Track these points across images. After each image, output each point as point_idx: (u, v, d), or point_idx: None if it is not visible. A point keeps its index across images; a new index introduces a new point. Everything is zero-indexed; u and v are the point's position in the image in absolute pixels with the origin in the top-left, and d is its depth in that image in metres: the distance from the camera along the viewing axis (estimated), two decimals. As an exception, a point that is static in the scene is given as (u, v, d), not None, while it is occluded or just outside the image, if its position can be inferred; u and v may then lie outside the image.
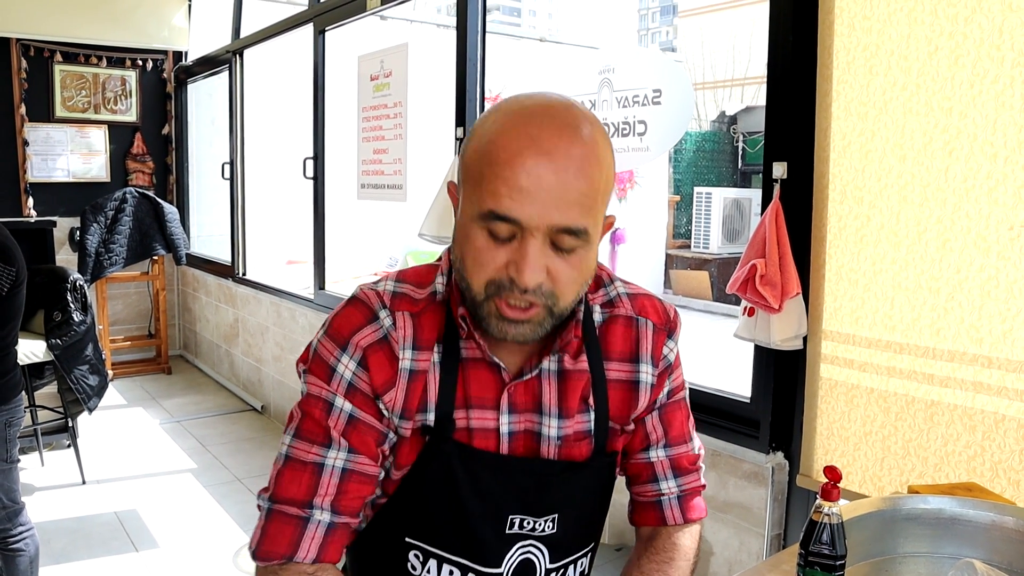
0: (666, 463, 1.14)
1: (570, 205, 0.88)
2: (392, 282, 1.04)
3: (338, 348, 0.99)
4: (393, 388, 0.99)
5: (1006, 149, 1.60)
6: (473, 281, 0.93)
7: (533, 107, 0.91)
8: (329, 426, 0.98)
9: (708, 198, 11.18)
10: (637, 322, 1.09)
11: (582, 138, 0.89)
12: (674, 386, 1.14)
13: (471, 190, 0.92)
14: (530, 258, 0.88)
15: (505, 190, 0.87)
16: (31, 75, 5.42)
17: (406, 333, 0.99)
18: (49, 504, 3.45)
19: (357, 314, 1.00)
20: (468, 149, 0.94)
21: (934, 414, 1.75)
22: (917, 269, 1.76)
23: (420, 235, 3.09)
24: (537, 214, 0.87)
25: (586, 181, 0.89)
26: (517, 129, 0.88)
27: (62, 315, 3.60)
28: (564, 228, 0.88)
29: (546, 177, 0.87)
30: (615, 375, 1.08)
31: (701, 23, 22.65)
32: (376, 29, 7.14)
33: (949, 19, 1.67)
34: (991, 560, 1.19)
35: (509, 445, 1.03)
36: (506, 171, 0.87)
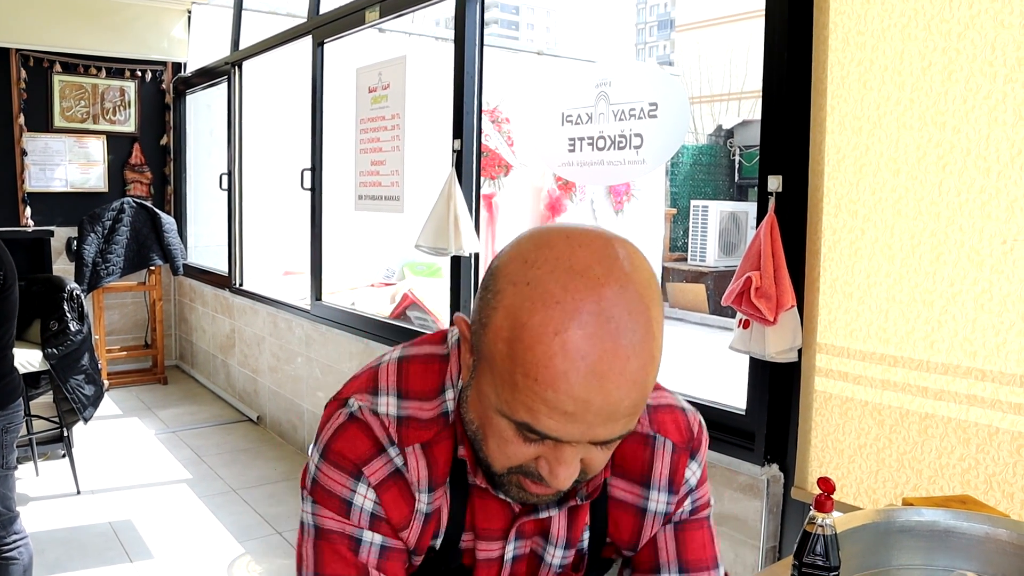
0: None
1: (618, 419, 0.75)
2: (394, 400, 0.90)
3: (349, 478, 0.87)
4: (407, 528, 0.90)
5: (999, 164, 1.61)
6: (495, 463, 0.83)
7: (581, 300, 0.72)
8: (363, 563, 0.87)
9: (705, 211, 11.21)
10: (655, 441, 0.96)
11: (640, 343, 0.73)
12: (698, 504, 1.00)
13: (498, 384, 0.77)
14: (566, 465, 0.78)
15: (545, 411, 0.73)
16: (30, 85, 5.44)
17: (420, 475, 0.88)
18: (43, 514, 3.43)
19: (362, 440, 0.88)
20: (493, 324, 0.76)
21: (928, 427, 1.76)
22: (911, 282, 1.77)
23: (417, 246, 3.10)
24: (580, 433, 0.75)
25: (640, 394, 0.74)
26: (561, 339, 0.71)
27: (59, 324, 3.60)
28: (609, 441, 0.77)
29: (595, 401, 0.72)
30: (620, 495, 0.97)
31: (698, 37, 22.77)
32: (375, 42, 7.17)
33: (942, 35, 1.68)
34: (985, 572, 1.20)
35: (511, 568, 0.96)
36: (547, 392, 0.72)
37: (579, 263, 0.73)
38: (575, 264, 0.73)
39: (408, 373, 0.91)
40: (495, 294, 0.77)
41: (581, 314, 0.71)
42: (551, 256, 0.74)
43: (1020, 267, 1.59)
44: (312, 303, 4.34)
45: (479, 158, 3.20)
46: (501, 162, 8.53)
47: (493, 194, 8.41)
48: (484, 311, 0.78)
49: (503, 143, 8.51)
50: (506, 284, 0.76)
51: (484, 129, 5.82)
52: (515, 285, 0.75)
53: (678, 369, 7.39)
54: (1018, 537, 1.21)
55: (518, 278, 0.75)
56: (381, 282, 7.32)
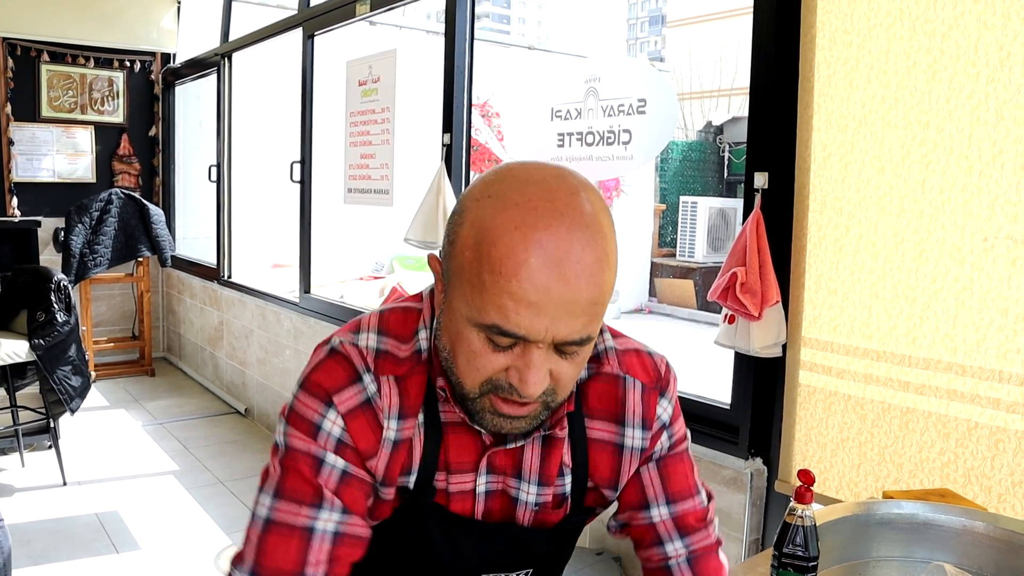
0: (670, 523, 1.05)
1: (578, 316, 0.81)
2: (374, 335, 0.95)
3: (321, 404, 0.92)
4: (375, 456, 0.93)
5: (980, 162, 1.63)
6: (466, 381, 0.87)
7: (535, 197, 0.80)
8: (320, 484, 0.90)
9: (694, 207, 11.25)
10: (624, 381, 1.02)
11: (593, 236, 0.81)
12: (675, 439, 1.06)
13: (467, 291, 0.83)
14: (534, 368, 0.83)
15: (511, 305, 0.79)
16: (17, 74, 5.39)
17: (391, 402, 0.93)
18: (30, 505, 3.43)
19: (338, 370, 0.93)
20: (459, 237, 0.84)
21: (909, 421, 1.78)
22: (894, 279, 1.79)
23: (406, 240, 3.11)
24: (544, 328, 0.80)
25: (597, 288, 0.81)
26: (522, 231, 0.79)
27: (45, 315, 3.58)
28: (571, 341, 0.83)
29: (555, 289, 0.79)
30: (598, 435, 1.02)
31: (689, 34, 22.81)
32: (365, 35, 7.16)
33: (927, 35, 1.70)
34: (962, 564, 1.22)
35: (485, 505, 0.99)
36: (512, 283, 0.78)
37: (535, 176, 0.83)
38: (531, 177, 0.83)
39: (388, 318, 0.98)
40: (460, 214, 0.86)
41: (538, 211, 0.80)
42: (509, 175, 0.85)
43: (1000, 264, 1.62)
44: (301, 296, 4.34)
45: (468, 152, 3.20)
46: (491, 156, 8.54)
47: (483, 188, 8.41)
48: (451, 232, 0.86)
49: (493, 137, 8.52)
50: (470, 203, 0.85)
51: (474, 123, 5.83)
52: (478, 201, 0.84)
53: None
54: (994, 529, 1.23)
55: (480, 194, 0.84)
56: (370, 275, 7.32)
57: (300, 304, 4.31)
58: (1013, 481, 1.62)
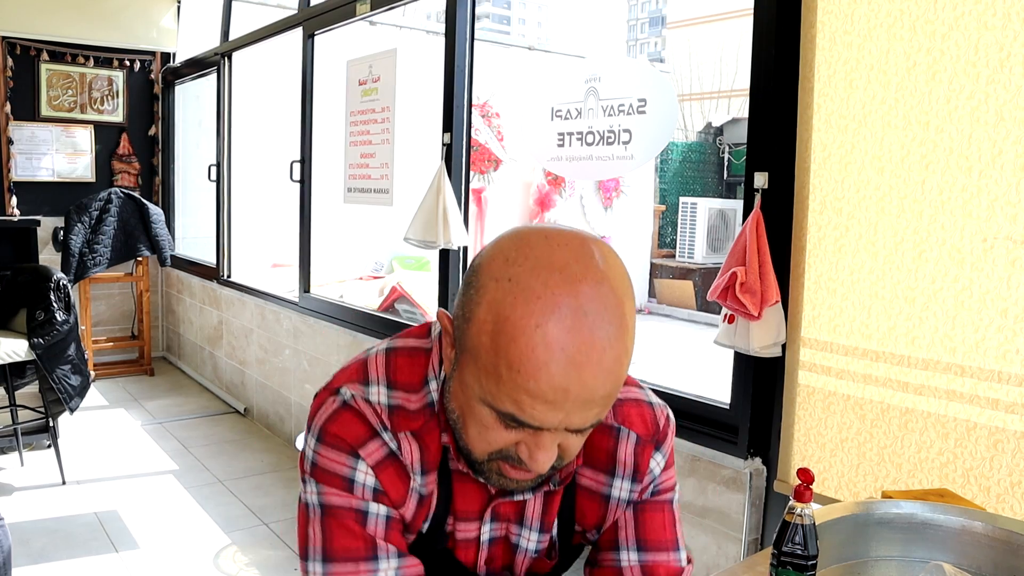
0: (637, 570, 1.01)
1: (593, 407, 0.80)
2: (384, 389, 0.93)
3: (348, 456, 0.90)
4: (404, 507, 0.94)
5: (980, 163, 1.63)
6: (475, 450, 0.87)
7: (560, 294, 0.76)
8: (371, 535, 0.90)
9: (693, 208, 11.25)
10: (618, 432, 1.01)
11: (616, 336, 0.78)
12: (659, 488, 1.04)
13: (482, 376, 0.81)
14: (544, 450, 0.83)
15: (528, 400, 0.78)
16: (17, 73, 5.40)
17: (414, 458, 0.93)
18: (29, 504, 3.43)
19: (356, 424, 0.91)
20: (476, 319, 0.80)
21: (908, 421, 1.78)
22: (893, 279, 1.80)
23: (406, 239, 3.11)
24: (559, 421, 0.80)
25: (614, 384, 0.80)
26: (542, 331, 0.76)
27: (45, 314, 3.59)
28: (582, 428, 0.83)
29: (574, 390, 0.77)
30: (586, 483, 1.02)
31: (689, 35, 22.82)
32: (365, 34, 7.16)
33: (927, 35, 1.71)
34: (960, 564, 1.22)
35: (488, 551, 1.01)
36: (530, 383, 0.77)
37: (558, 261, 0.78)
38: (554, 262, 0.78)
39: (396, 365, 0.96)
40: (478, 290, 0.81)
41: (560, 308, 0.76)
42: (531, 255, 0.79)
43: (999, 265, 1.62)
44: (300, 295, 4.34)
45: (468, 152, 3.21)
46: (491, 157, 8.54)
47: (483, 188, 8.42)
48: (467, 306, 0.82)
49: (493, 138, 8.52)
50: (488, 280, 0.80)
51: (474, 124, 5.83)
52: (497, 281, 0.79)
53: (665, 364, 7.44)
54: (993, 529, 1.24)
55: (500, 275, 0.79)
56: (370, 275, 7.32)
57: (300, 304, 4.31)
58: (1012, 481, 1.62)
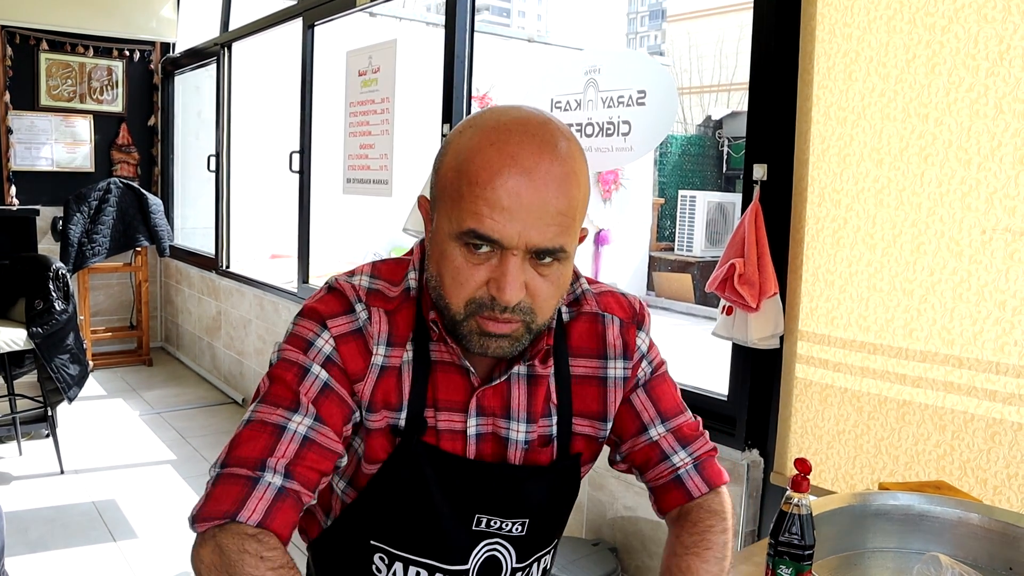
0: (670, 437, 1.11)
1: (549, 224, 0.88)
2: (367, 277, 1.03)
3: (316, 324, 0.98)
4: (363, 380, 0.98)
5: (979, 156, 1.63)
6: (452, 300, 0.93)
7: (511, 123, 0.90)
8: (300, 391, 0.95)
9: (692, 201, 11.25)
10: (603, 318, 1.10)
11: (561, 156, 0.89)
12: (655, 364, 1.14)
13: (448, 207, 0.91)
14: (510, 276, 0.89)
15: (486, 210, 0.87)
16: (16, 63, 5.38)
17: (380, 329, 0.99)
18: (27, 493, 3.43)
19: (334, 301, 1.00)
20: (443, 165, 0.93)
21: (905, 413, 1.79)
22: (891, 271, 1.80)
23: (404, 230, 3.11)
24: (517, 233, 0.87)
25: (565, 199, 0.89)
26: (496, 147, 0.88)
27: (44, 304, 3.58)
28: (543, 249, 0.89)
29: (526, 196, 0.87)
30: (581, 371, 1.08)
31: (689, 28, 22.77)
32: (365, 25, 7.15)
33: (926, 28, 1.71)
34: (956, 555, 1.23)
35: (476, 447, 1.03)
36: (486, 191, 0.87)
37: (512, 111, 0.93)
38: (508, 111, 0.93)
39: (380, 267, 1.06)
40: (444, 147, 0.95)
41: (511, 132, 0.89)
42: (489, 111, 0.95)
43: (997, 257, 1.62)
44: (299, 286, 4.34)
45: (468, 143, 3.20)
46: (490, 149, 8.53)
47: (482, 181, 8.40)
48: (437, 164, 0.95)
49: (492, 130, 8.50)
50: (453, 136, 0.95)
51: (473, 115, 5.82)
52: (460, 132, 0.94)
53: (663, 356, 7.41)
54: (989, 521, 1.24)
55: (462, 127, 0.94)
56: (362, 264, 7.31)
57: (298, 294, 4.31)
58: (1008, 473, 1.63)
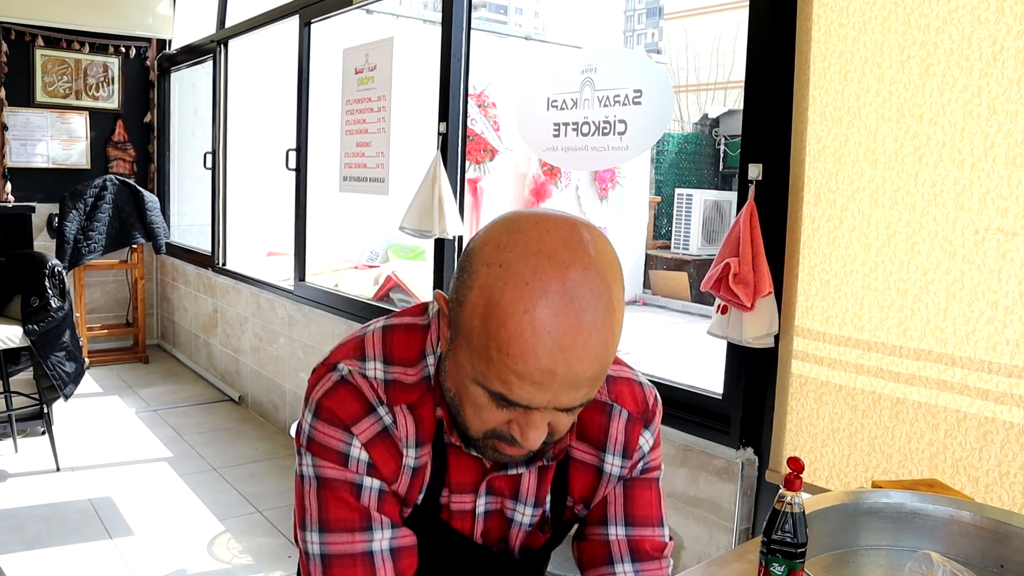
0: (624, 544, 1.06)
1: (581, 387, 0.83)
2: (381, 366, 0.96)
3: (343, 432, 0.93)
4: (396, 482, 0.97)
5: (972, 156, 1.64)
6: (471, 427, 0.90)
7: (548, 280, 0.79)
8: (366, 506, 0.93)
9: (689, 200, 11.25)
10: (611, 410, 1.05)
11: (603, 321, 0.80)
12: (648, 466, 1.09)
13: (474, 357, 0.84)
14: (535, 427, 0.86)
15: (516, 381, 0.81)
16: (11, 59, 5.37)
17: (408, 431, 0.95)
18: (23, 490, 3.43)
19: (351, 400, 0.94)
20: (469, 303, 0.83)
21: (899, 412, 1.80)
22: (886, 270, 1.81)
23: (401, 228, 3.11)
24: (547, 400, 0.83)
25: (600, 367, 0.82)
26: (530, 315, 0.78)
27: (39, 301, 3.58)
28: (571, 408, 0.86)
29: (560, 372, 0.80)
30: (580, 456, 1.05)
31: (686, 26, 22.75)
32: (362, 23, 7.13)
33: (921, 29, 1.71)
34: (948, 553, 1.23)
35: (484, 524, 1.03)
36: (518, 365, 0.80)
37: (547, 247, 0.81)
38: (543, 248, 0.81)
39: (392, 341, 0.98)
40: (470, 274, 0.84)
41: (548, 294, 0.79)
42: (521, 240, 0.82)
43: (990, 257, 1.63)
44: (295, 284, 4.34)
45: (464, 141, 3.21)
46: (487, 147, 8.53)
47: (478, 178, 8.41)
48: (460, 290, 0.85)
49: (489, 128, 8.51)
50: (480, 265, 0.83)
51: (470, 113, 5.82)
52: (488, 266, 0.82)
53: (658, 355, 7.45)
54: (981, 519, 1.25)
55: (491, 260, 0.82)
56: (365, 264, 7.32)
57: (295, 292, 4.31)
58: (1000, 472, 1.64)
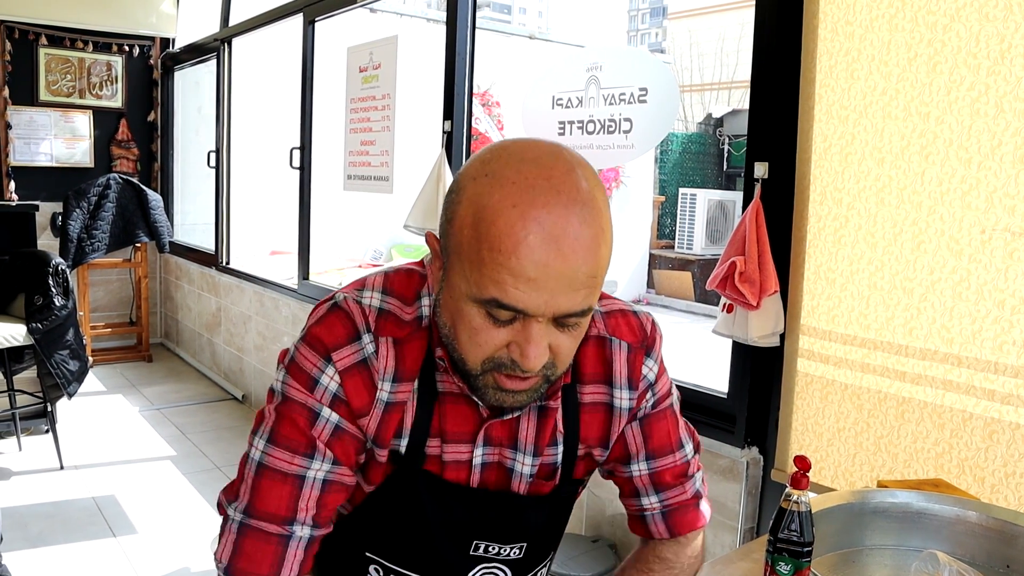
0: (646, 478, 1.09)
1: (577, 289, 0.82)
2: (378, 294, 0.97)
3: (320, 358, 0.94)
4: (367, 416, 0.95)
5: (979, 155, 1.64)
6: (468, 357, 0.88)
7: (533, 175, 0.81)
8: (313, 436, 0.93)
9: (693, 199, 11.25)
10: (610, 343, 1.04)
11: (589, 213, 0.82)
12: (658, 396, 1.09)
13: (465, 267, 0.84)
14: (534, 342, 0.84)
15: (510, 280, 0.80)
16: (15, 58, 5.37)
17: (387, 364, 0.95)
18: (27, 489, 3.43)
19: (339, 327, 0.95)
20: (457, 215, 0.84)
21: (905, 411, 1.79)
22: (892, 269, 1.80)
23: (405, 227, 3.11)
24: (544, 303, 0.81)
25: (594, 262, 0.82)
26: (519, 209, 0.79)
27: (43, 299, 3.58)
28: (571, 314, 0.84)
29: (554, 265, 0.80)
30: (589, 398, 1.04)
31: (690, 26, 22.74)
32: (366, 21, 7.13)
33: (928, 26, 1.70)
34: (954, 552, 1.23)
35: (481, 476, 1.01)
36: (511, 260, 0.79)
37: (530, 154, 0.84)
38: (526, 155, 0.84)
39: (392, 279, 1.00)
40: (457, 192, 0.86)
41: (535, 189, 0.81)
42: (504, 153, 0.85)
43: (997, 256, 1.62)
44: (299, 282, 4.34)
45: (469, 140, 3.20)
46: (490, 146, 8.53)
47: (482, 177, 8.41)
48: (449, 210, 0.87)
49: (493, 127, 8.51)
50: (467, 181, 0.85)
51: (475, 112, 5.81)
52: (475, 179, 0.84)
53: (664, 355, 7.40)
54: (987, 519, 1.24)
55: (477, 173, 0.85)
56: (368, 263, 7.32)
57: (298, 291, 4.31)
58: (1006, 472, 1.63)
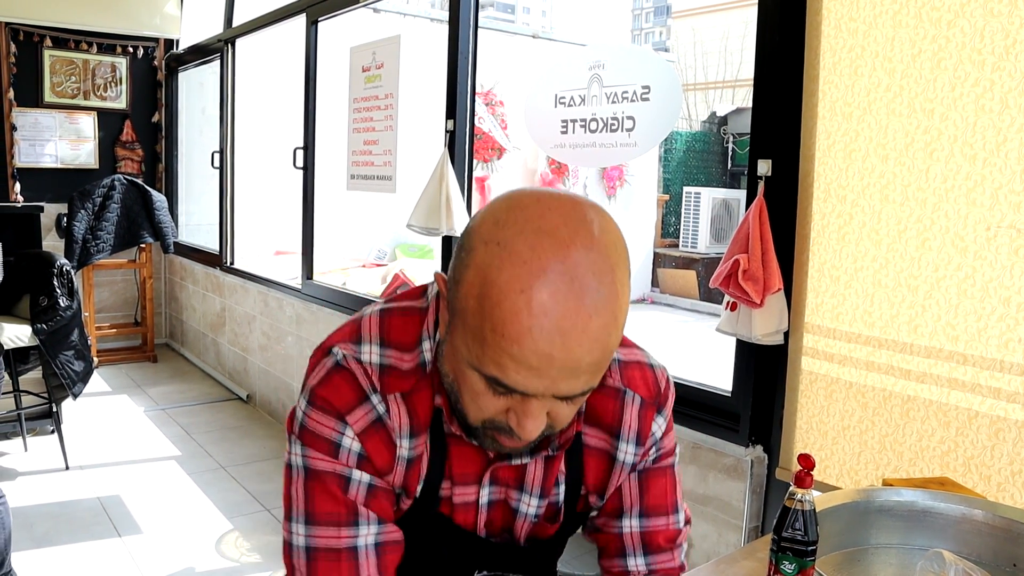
0: (637, 536, 1.05)
1: (579, 376, 0.79)
2: (377, 348, 0.94)
3: (335, 420, 0.91)
4: (391, 473, 0.94)
5: (984, 151, 1.63)
6: (469, 414, 0.87)
7: (547, 258, 0.75)
8: (353, 501, 0.91)
9: (697, 198, 11.22)
10: (624, 395, 1.02)
11: (604, 304, 0.76)
12: (661, 453, 1.06)
13: (469, 339, 0.80)
14: (532, 417, 0.82)
15: (512, 365, 0.77)
16: (20, 60, 5.39)
17: (401, 421, 0.93)
18: (32, 489, 3.44)
19: (345, 388, 0.92)
20: (465, 281, 0.79)
21: (910, 409, 1.78)
22: (896, 267, 1.79)
23: (408, 226, 3.11)
24: (544, 387, 0.79)
25: (600, 353, 0.78)
26: (527, 296, 0.74)
27: (48, 300, 3.59)
28: (571, 396, 0.82)
29: (558, 357, 0.76)
30: (594, 443, 1.02)
31: (694, 24, 22.70)
32: (369, 21, 7.14)
33: (932, 22, 1.70)
34: (960, 551, 1.22)
35: (487, 515, 1.01)
36: (513, 347, 0.75)
37: (547, 224, 0.77)
38: (543, 225, 0.77)
39: (389, 325, 0.96)
40: (468, 252, 0.80)
41: (547, 273, 0.74)
42: (521, 217, 0.78)
43: (1002, 254, 1.61)
44: (303, 282, 4.34)
45: (472, 139, 3.20)
46: (495, 145, 8.53)
47: (486, 176, 8.41)
48: (458, 269, 0.82)
49: (496, 126, 8.50)
50: (478, 243, 0.79)
51: (478, 112, 5.81)
52: (486, 244, 0.78)
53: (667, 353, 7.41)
54: (993, 518, 1.24)
55: (489, 238, 0.78)
56: (372, 263, 7.33)
57: (302, 290, 4.31)
58: (1012, 470, 1.62)
